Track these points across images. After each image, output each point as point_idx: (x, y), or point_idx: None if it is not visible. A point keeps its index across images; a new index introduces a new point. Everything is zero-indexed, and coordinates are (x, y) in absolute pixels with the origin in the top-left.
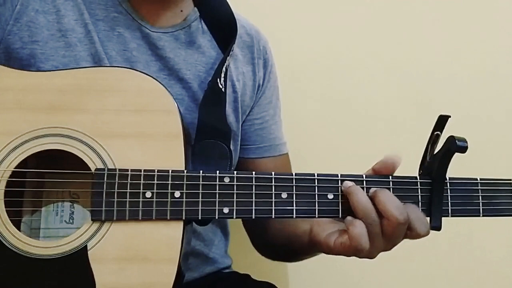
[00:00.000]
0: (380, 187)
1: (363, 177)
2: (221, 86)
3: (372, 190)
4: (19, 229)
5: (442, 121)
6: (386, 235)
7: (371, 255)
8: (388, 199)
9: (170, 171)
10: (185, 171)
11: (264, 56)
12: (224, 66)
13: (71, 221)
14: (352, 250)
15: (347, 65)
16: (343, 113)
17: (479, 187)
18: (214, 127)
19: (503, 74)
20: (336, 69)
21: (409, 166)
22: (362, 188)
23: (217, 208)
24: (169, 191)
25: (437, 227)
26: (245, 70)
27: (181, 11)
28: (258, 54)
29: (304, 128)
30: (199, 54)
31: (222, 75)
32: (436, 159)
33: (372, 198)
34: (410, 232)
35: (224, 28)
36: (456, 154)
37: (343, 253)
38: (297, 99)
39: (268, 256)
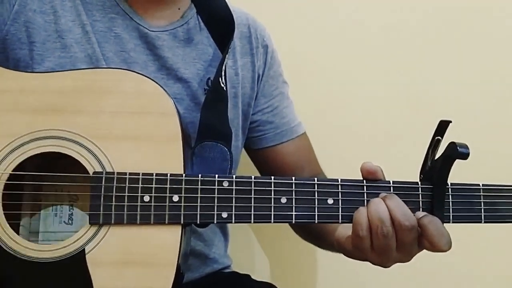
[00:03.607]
0: (383, 192)
1: (363, 182)
2: (223, 85)
3: (381, 195)
4: (17, 232)
5: (443, 126)
6: (396, 243)
7: (384, 264)
8: (395, 205)
9: (168, 175)
10: (184, 175)
11: (262, 44)
12: (224, 64)
13: (70, 222)
14: (355, 241)
15: (347, 68)
16: (343, 118)
17: (481, 193)
18: (215, 129)
19: (506, 79)
20: (336, 73)
21: (409, 171)
22: (363, 193)
23: (215, 212)
24: (168, 195)
25: None
26: (244, 62)
27: (179, 9)
28: (256, 43)
29: None
30: (197, 51)
31: (223, 73)
32: (437, 165)
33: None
34: (431, 246)
35: (221, 25)
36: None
37: (352, 249)
38: (296, 102)
39: (301, 237)
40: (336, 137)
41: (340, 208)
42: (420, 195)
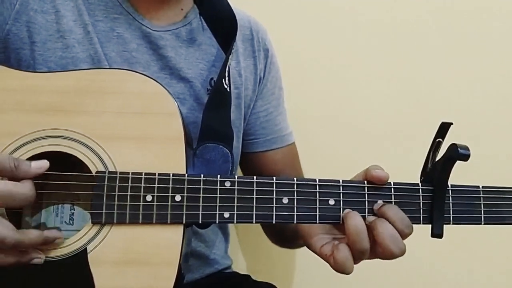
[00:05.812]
0: (381, 194)
1: (364, 184)
2: (226, 87)
3: (370, 218)
4: None
5: (444, 128)
6: (375, 254)
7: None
8: (385, 231)
9: (171, 175)
10: (186, 175)
11: (263, 48)
12: (227, 65)
13: (71, 222)
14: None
15: (347, 69)
16: (344, 119)
17: (481, 195)
18: (217, 131)
19: (507, 80)
20: (337, 73)
21: (410, 173)
22: (364, 194)
23: (217, 212)
24: (170, 194)
25: (439, 235)
26: (246, 64)
27: (181, 9)
28: (258, 46)
29: (304, 133)
30: (200, 51)
31: (226, 74)
32: (437, 167)
33: (368, 226)
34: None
35: (223, 25)
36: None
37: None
38: (298, 103)
39: (271, 240)
40: (337, 137)
41: (341, 209)
42: (421, 196)
